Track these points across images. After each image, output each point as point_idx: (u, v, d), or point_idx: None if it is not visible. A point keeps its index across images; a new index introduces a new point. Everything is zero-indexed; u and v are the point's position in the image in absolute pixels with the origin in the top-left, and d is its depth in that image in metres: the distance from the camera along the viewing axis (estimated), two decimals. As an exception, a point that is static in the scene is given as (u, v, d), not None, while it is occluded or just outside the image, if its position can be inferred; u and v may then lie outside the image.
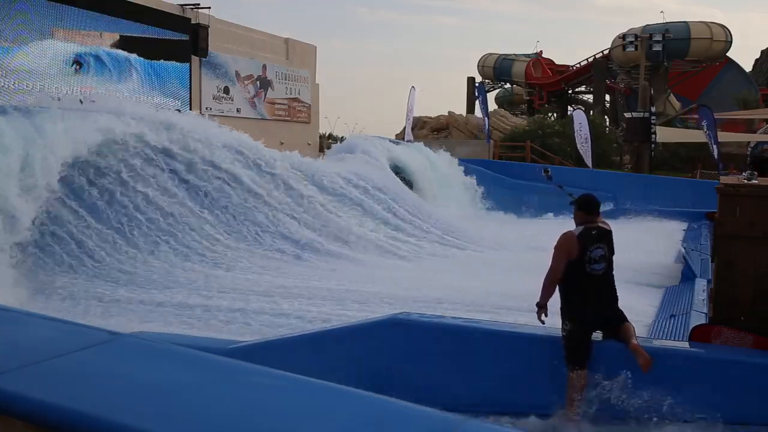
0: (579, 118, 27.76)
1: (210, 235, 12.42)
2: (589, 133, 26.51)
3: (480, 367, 5.68)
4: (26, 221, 10.02)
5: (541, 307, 5.58)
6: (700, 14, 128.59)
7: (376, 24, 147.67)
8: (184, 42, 20.15)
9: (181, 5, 20.23)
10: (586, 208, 5.61)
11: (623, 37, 40.92)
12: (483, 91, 34.74)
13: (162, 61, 19.29)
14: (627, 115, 34.07)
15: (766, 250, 5.97)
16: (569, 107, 49.65)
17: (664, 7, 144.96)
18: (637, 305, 8.42)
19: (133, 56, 18.35)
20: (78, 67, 16.86)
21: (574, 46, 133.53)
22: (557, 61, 50.55)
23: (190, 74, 20.47)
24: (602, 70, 44.05)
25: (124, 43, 18.09)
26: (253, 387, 1.81)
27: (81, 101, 15.86)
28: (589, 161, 26.06)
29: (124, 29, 18.07)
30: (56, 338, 2.08)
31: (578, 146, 26.95)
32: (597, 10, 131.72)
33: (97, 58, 17.41)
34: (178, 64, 19.95)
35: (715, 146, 23.35)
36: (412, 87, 29.35)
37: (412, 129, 30.33)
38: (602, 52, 44.36)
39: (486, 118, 31.07)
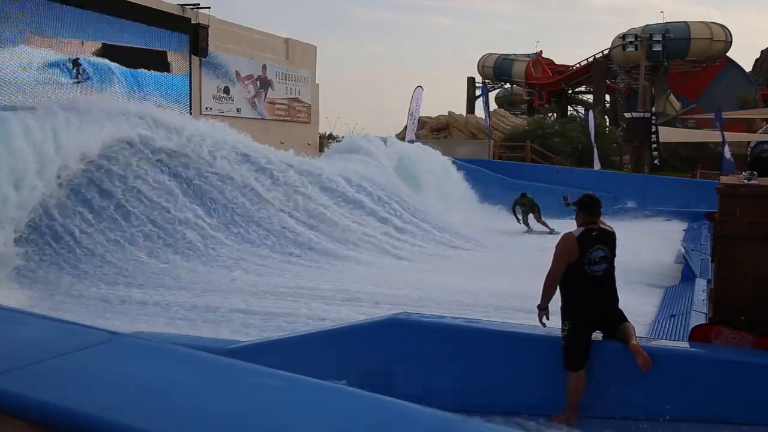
0: (591, 118, 28.34)
1: (211, 236, 12.42)
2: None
3: (480, 367, 5.68)
4: (26, 222, 10.03)
5: (542, 310, 5.58)
6: (700, 14, 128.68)
7: (376, 24, 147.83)
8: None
9: (181, 5, 20.22)
10: (587, 210, 5.61)
11: (623, 37, 40.87)
12: (485, 91, 34.74)
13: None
14: (627, 115, 34.14)
15: (766, 250, 5.96)
16: (569, 107, 49.68)
17: (663, 7, 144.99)
18: (637, 305, 8.42)
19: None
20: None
21: (574, 46, 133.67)
22: (557, 61, 50.53)
23: (190, 75, 20.46)
24: (602, 70, 44.01)
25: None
26: (253, 387, 1.81)
27: None
28: (595, 162, 26.27)
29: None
30: (56, 338, 2.08)
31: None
32: (597, 11, 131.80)
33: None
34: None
35: (726, 148, 23.45)
36: (419, 86, 28.67)
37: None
38: (602, 52, 44.33)
39: (487, 118, 31.07)
